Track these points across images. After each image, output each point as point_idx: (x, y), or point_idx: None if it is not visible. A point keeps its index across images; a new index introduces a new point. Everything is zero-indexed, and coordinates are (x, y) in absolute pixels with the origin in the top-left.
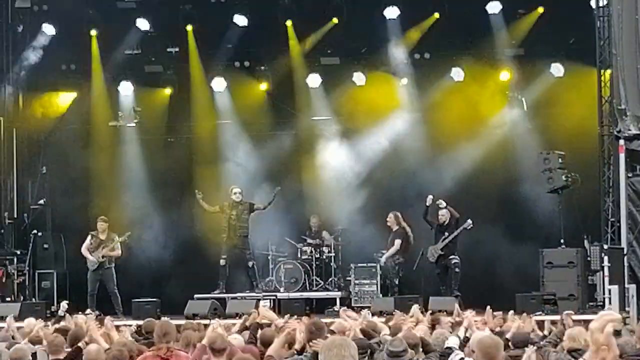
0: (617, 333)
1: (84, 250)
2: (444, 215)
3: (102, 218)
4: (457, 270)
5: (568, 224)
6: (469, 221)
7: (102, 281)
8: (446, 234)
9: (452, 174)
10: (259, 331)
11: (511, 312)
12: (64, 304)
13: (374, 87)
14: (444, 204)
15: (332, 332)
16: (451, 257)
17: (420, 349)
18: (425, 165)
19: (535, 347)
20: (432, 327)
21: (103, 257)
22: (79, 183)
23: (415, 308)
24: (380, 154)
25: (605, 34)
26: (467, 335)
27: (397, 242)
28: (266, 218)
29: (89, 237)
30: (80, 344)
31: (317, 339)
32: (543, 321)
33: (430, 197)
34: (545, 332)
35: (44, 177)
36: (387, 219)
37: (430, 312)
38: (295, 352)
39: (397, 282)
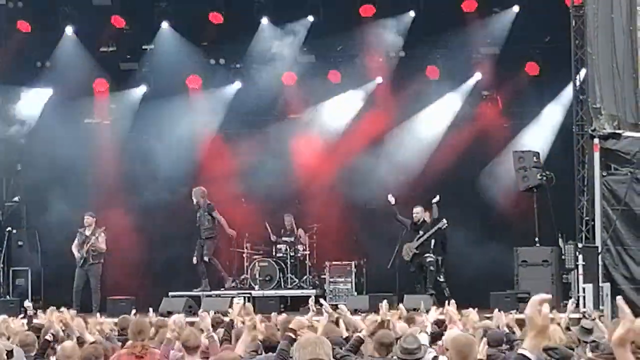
0: (588, 331)
1: (73, 247)
2: (418, 213)
3: (89, 213)
4: (431, 268)
5: (543, 222)
6: (444, 220)
7: (87, 277)
8: (421, 232)
9: (427, 172)
10: (233, 329)
11: (496, 310)
12: (27, 303)
13: (349, 85)
14: (437, 199)
15: (293, 330)
16: (426, 255)
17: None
18: (399, 163)
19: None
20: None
21: (87, 252)
22: (54, 180)
23: (384, 304)
24: (355, 153)
25: (580, 33)
26: (434, 331)
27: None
28: (241, 216)
29: (78, 234)
30: (47, 337)
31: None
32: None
33: (390, 195)
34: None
35: (19, 175)
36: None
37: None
38: (259, 343)
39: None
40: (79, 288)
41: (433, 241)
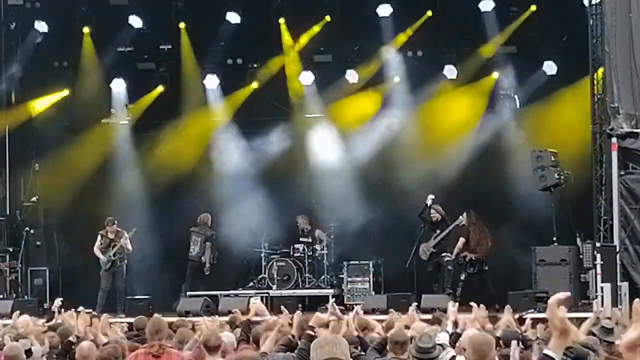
0: (608, 331)
1: (95, 250)
2: (435, 213)
3: (110, 219)
4: (449, 267)
5: (560, 221)
6: (461, 217)
7: (113, 279)
8: (438, 231)
9: (445, 171)
10: (251, 329)
11: (507, 306)
12: (58, 301)
13: (366, 85)
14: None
15: (312, 328)
16: (443, 254)
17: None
18: (418, 163)
19: (521, 344)
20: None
21: (114, 255)
22: (71, 180)
23: (412, 308)
24: (373, 152)
25: (598, 32)
26: (458, 331)
27: (461, 239)
28: (259, 217)
29: (99, 237)
30: (71, 338)
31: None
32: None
33: (431, 196)
34: (538, 331)
35: (37, 175)
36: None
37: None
38: (290, 338)
39: (462, 278)
40: (107, 289)
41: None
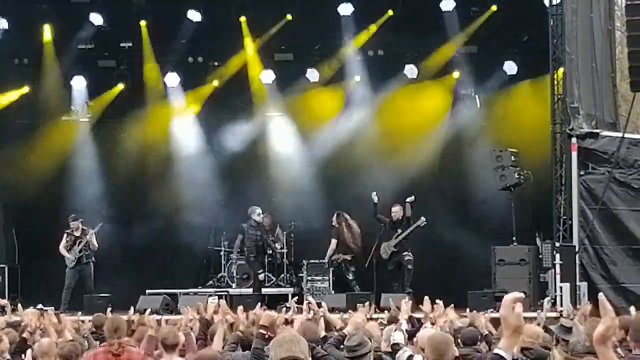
0: (568, 330)
1: (61, 249)
2: (397, 212)
3: (73, 216)
4: (409, 267)
5: (520, 221)
6: (423, 218)
7: (80, 277)
8: (399, 230)
9: (405, 171)
10: (209, 327)
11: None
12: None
13: (327, 84)
14: (412, 199)
15: (265, 327)
16: (404, 253)
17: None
18: (378, 162)
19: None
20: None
21: (79, 252)
22: (31, 177)
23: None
24: (334, 151)
25: (558, 32)
26: (410, 329)
27: (333, 241)
28: (219, 215)
29: (65, 235)
30: (24, 335)
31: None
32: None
33: (374, 193)
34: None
35: None
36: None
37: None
38: (239, 334)
39: (350, 278)
40: (70, 287)
41: None
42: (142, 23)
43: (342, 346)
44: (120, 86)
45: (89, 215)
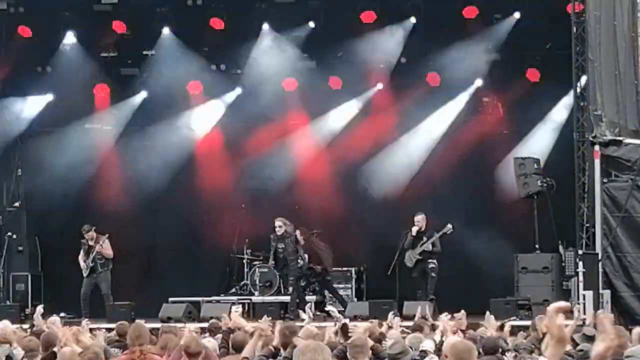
0: (590, 339)
1: (79, 259)
2: (419, 221)
3: (86, 227)
4: (433, 274)
5: (543, 229)
6: (449, 225)
7: (96, 285)
8: (424, 238)
9: (428, 178)
10: (231, 336)
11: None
12: (40, 309)
13: (349, 91)
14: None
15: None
16: (429, 261)
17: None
18: (402, 170)
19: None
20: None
21: (93, 261)
22: (54, 185)
23: (390, 315)
24: (358, 159)
25: (581, 39)
26: (443, 339)
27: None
28: (241, 222)
29: (82, 244)
30: (55, 349)
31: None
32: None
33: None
34: (518, 339)
35: (20, 179)
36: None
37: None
38: (272, 349)
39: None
40: (87, 296)
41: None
42: (165, 31)
43: (383, 354)
44: (143, 94)
45: (112, 224)
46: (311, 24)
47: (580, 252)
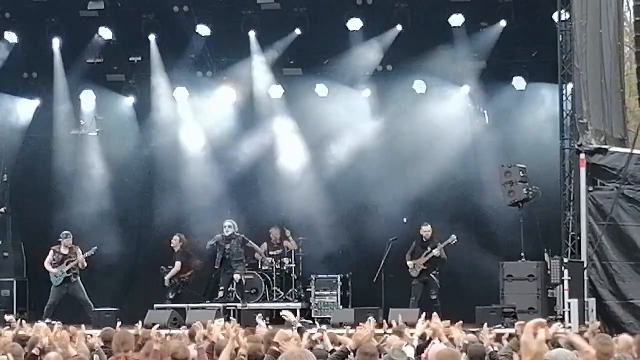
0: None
1: (46, 265)
2: (427, 231)
3: (65, 233)
4: (438, 282)
5: (529, 237)
6: (454, 236)
7: (70, 295)
8: (429, 249)
9: (414, 186)
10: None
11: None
12: (8, 317)
13: (336, 99)
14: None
15: (277, 344)
16: (434, 272)
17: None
18: (386, 177)
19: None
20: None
21: (69, 271)
22: (40, 192)
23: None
24: (342, 166)
25: (567, 48)
26: (420, 344)
27: (177, 263)
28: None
29: (51, 252)
30: (34, 351)
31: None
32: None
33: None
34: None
35: (5, 186)
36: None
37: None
38: (242, 357)
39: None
40: (55, 305)
41: None
42: (152, 37)
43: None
44: (130, 100)
45: (97, 230)
46: (297, 31)
47: (565, 260)
